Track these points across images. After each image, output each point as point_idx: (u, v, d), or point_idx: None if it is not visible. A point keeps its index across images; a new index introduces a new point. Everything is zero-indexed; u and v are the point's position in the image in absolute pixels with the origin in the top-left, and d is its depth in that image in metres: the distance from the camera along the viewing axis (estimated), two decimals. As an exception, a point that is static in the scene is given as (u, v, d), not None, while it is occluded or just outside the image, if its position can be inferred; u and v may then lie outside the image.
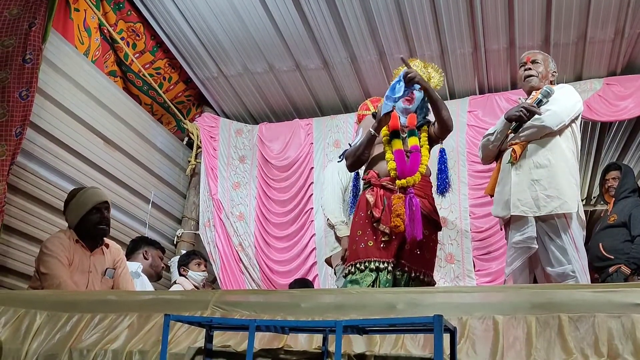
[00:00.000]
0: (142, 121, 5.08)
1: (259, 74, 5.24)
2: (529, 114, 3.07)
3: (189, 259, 4.43)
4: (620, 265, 3.93)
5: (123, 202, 4.77)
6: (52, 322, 2.41)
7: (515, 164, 3.13)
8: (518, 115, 3.10)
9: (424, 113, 3.36)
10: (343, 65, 5.03)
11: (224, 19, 4.62)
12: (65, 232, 3.22)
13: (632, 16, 4.26)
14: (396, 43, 4.67)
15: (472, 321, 1.96)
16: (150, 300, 2.55)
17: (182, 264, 4.41)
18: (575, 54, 4.67)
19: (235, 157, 5.61)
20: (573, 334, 1.84)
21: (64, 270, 3.04)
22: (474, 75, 4.99)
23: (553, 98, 3.13)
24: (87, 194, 3.32)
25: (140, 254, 4.04)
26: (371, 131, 3.18)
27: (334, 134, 5.33)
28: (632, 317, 1.82)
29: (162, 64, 5.18)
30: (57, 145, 4.07)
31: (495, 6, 4.29)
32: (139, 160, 4.98)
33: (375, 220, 3.07)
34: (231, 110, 5.80)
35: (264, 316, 2.19)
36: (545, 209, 2.98)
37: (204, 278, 4.41)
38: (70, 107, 4.17)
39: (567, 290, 2.05)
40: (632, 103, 4.56)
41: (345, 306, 2.15)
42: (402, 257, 3.08)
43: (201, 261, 4.47)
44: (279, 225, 5.31)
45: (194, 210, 5.64)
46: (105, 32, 4.62)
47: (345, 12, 4.45)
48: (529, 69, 3.31)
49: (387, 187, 3.13)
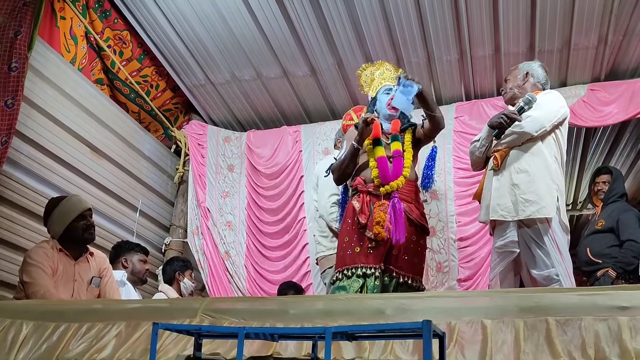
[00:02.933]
0: (130, 129, 5.05)
1: (246, 81, 5.24)
2: (509, 120, 3.13)
3: (187, 268, 4.39)
4: (607, 269, 3.96)
5: (110, 211, 4.74)
6: (38, 332, 2.39)
7: (497, 170, 3.17)
8: (499, 122, 3.16)
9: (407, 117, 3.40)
10: (330, 72, 5.05)
11: (211, 26, 4.63)
12: (49, 242, 3.19)
13: (615, 23, 4.32)
14: (383, 50, 4.70)
15: (460, 326, 1.97)
16: (138, 309, 2.54)
17: (179, 270, 4.35)
18: (559, 60, 4.72)
19: (224, 166, 5.60)
20: (560, 337, 1.85)
21: (48, 279, 3.01)
22: (460, 82, 5.03)
23: (536, 104, 3.17)
24: (71, 202, 3.29)
25: (119, 264, 3.98)
26: (354, 144, 3.21)
27: (323, 141, 5.33)
28: (618, 319, 1.84)
29: (149, 71, 5.17)
30: (44, 154, 4.04)
31: (481, 13, 4.33)
32: (126, 169, 4.95)
33: (361, 227, 3.09)
34: (219, 118, 5.80)
35: (253, 323, 2.18)
36: (524, 213, 3.02)
37: (192, 289, 4.38)
38: (57, 115, 4.14)
39: (554, 293, 2.07)
40: (616, 108, 4.61)
41: (334, 312, 2.15)
42: (390, 262, 3.09)
43: (192, 272, 4.46)
44: (272, 234, 5.28)
45: (182, 218, 5.61)
46: (91, 40, 4.60)
47: (332, 19, 4.47)
48: (502, 90, 3.55)
49: (374, 193, 3.15)
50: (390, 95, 3.35)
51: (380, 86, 3.48)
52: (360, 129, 3.20)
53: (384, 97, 3.40)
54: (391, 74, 3.54)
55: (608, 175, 4.33)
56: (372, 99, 3.50)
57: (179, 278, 4.30)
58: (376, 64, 3.61)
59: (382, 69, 3.56)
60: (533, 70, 3.40)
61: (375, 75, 3.55)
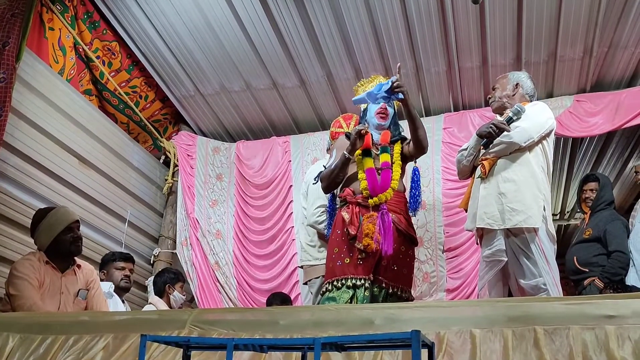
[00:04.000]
0: (118, 140, 5.04)
1: (235, 92, 5.25)
2: (498, 130, 3.17)
3: (177, 280, 4.34)
4: (594, 278, 3.98)
5: (99, 222, 4.71)
6: (25, 344, 2.36)
7: (485, 178, 3.20)
8: (488, 131, 3.20)
9: (398, 129, 3.42)
10: (319, 84, 5.07)
11: (201, 37, 4.64)
12: (35, 254, 3.16)
13: (600, 35, 4.39)
14: (372, 61, 4.73)
15: (449, 336, 1.97)
16: (125, 321, 2.51)
17: (169, 282, 4.30)
18: (546, 71, 4.78)
19: (213, 175, 5.59)
20: (548, 346, 1.86)
21: (35, 292, 2.99)
22: (449, 93, 5.07)
23: (525, 115, 3.21)
24: (59, 214, 3.27)
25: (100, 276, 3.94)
26: (345, 154, 3.21)
27: (312, 151, 5.34)
28: (606, 328, 1.85)
29: (138, 82, 5.16)
30: (32, 165, 4.02)
31: (468, 25, 4.38)
32: (114, 179, 4.93)
33: (351, 238, 3.09)
34: (208, 129, 5.80)
35: (242, 334, 2.17)
36: (510, 222, 3.05)
37: (182, 302, 4.34)
38: (45, 126, 4.12)
39: (542, 303, 2.08)
40: (602, 119, 4.67)
41: (323, 323, 2.15)
42: (379, 273, 3.09)
43: (183, 285, 4.42)
44: (259, 243, 5.28)
45: (171, 229, 5.59)
46: (80, 51, 4.59)
47: (322, 30, 4.50)
48: (489, 97, 3.55)
49: (363, 204, 3.16)
50: (380, 105, 3.37)
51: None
52: (353, 140, 3.21)
53: (374, 107, 3.41)
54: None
55: (595, 182, 4.36)
56: (364, 110, 3.52)
57: (169, 291, 4.26)
58: (370, 78, 3.64)
59: (376, 82, 3.58)
60: (522, 82, 3.45)
61: (367, 88, 3.58)
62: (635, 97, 4.64)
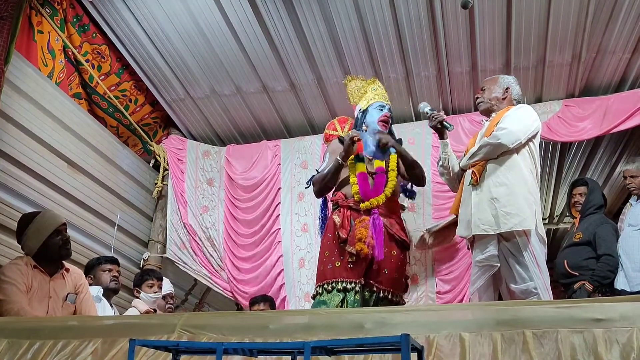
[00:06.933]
0: (108, 143, 5.01)
1: (226, 96, 5.24)
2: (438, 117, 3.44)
3: (142, 280, 4.29)
4: (584, 282, 4.00)
5: (88, 226, 4.67)
6: (12, 349, 2.34)
7: (476, 185, 3.22)
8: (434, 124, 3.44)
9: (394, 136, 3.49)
10: (310, 87, 5.07)
11: (191, 41, 4.63)
12: (23, 259, 3.13)
13: (588, 41, 4.42)
14: (362, 66, 4.74)
15: (439, 339, 1.98)
16: (114, 325, 2.50)
17: (135, 285, 4.29)
18: (535, 76, 4.81)
19: (204, 180, 5.57)
20: (537, 350, 1.87)
21: (22, 296, 2.96)
22: (439, 97, 5.09)
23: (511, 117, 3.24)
24: (45, 218, 3.25)
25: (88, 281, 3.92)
26: (339, 160, 3.23)
27: (302, 155, 5.34)
28: (594, 332, 1.86)
29: (128, 86, 5.14)
30: (20, 169, 3.99)
31: (458, 30, 4.41)
32: (104, 183, 4.90)
33: (342, 241, 3.10)
34: (198, 132, 5.78)
35: (232, 338, 2.17)
36: (505, 226, 3.06)
37: (156, 299, 4.27)
38: (33, 129, 4.09)
39: (531, 306, 2.09)
40: (590, 124, 4.70)
41: (313, 327, 2.15)
42: (370, 277, 3.10)
43: (154, 282, 4.29)
44: (245, 246, 5.25)
45: (161, 233, 5.55)
46: (69, 54, 4.57)
47: (312, 34, 4.51)
48: (477, 97, 3.60)
49: (354, 208, 3.17)
50: (383, 113, 3.51)
51: (373, 101, 3.57)
52: (346, 146, 3.23)
53: (376, 112, 3.49)
54: (383, 92, 3.71)
55: (584, 187, 4.38)
56: (363, 112, 3.56)
57: (136, 294, 4.23)
58: (369, 80, 3.76)
59: (375, 85, 3.72)
60: (512, 86, 3.50)
61: (368, 89, 3.66)
62: (623, 102, 4.67)
